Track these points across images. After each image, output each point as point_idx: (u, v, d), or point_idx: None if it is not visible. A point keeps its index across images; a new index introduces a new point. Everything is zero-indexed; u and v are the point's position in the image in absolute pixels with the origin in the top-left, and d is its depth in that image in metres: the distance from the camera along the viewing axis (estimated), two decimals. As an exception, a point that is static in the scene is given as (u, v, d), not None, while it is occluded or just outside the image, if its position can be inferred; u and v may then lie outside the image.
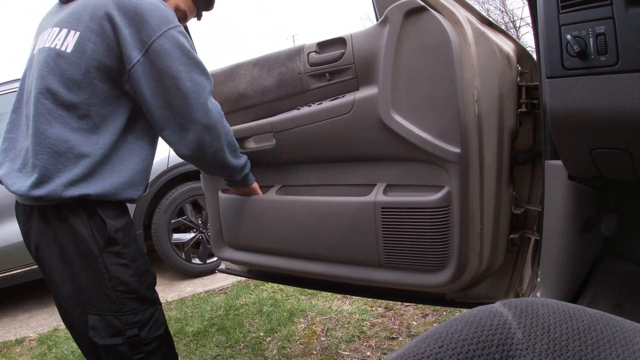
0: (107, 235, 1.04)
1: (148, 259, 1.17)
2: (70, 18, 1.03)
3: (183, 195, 3.02)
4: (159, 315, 1.13)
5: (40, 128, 1.00)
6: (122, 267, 1.06)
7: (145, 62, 1.00)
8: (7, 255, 2.66)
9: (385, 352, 1.86)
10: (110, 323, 1.05)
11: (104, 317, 1.05)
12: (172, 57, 1.02)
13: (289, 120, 1.28)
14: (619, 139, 0.75)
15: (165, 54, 1.01)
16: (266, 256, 1.47)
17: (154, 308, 1.12)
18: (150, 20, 1.00)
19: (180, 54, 1.03)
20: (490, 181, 1.06)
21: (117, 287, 1.05)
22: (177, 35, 1.04)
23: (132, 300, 1.07)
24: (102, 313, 1.05)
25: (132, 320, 1.06)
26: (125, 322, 1.06)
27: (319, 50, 1.23)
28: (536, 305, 0.44)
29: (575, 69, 0.73)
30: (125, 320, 1.06)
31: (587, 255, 1.07)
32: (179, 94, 1.03)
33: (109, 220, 1.05)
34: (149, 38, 1.00)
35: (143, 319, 1.08)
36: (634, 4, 0.66)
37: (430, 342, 0.40)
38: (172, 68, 1.02)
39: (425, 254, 1.13)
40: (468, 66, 0.98)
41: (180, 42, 1.03)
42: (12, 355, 2.32)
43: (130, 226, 1.12)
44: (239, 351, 2.01)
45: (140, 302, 1.08)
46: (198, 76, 1.06)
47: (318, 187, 1.33)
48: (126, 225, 1.10)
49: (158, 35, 1.00)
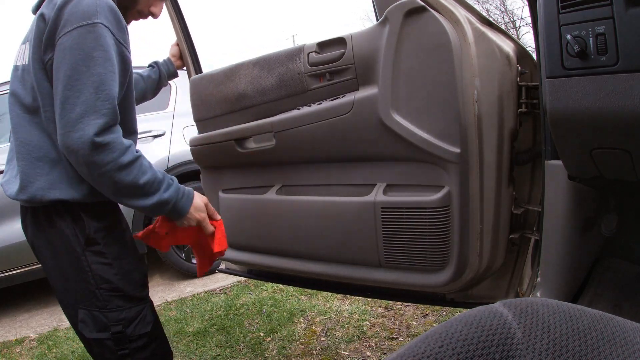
0: (86, 235, 1.05)
1: (139, 256, 1.17)
2: (29, 30, 1.07)
3: (183, 195, 3.02)
4: (146, 313, 1.13)
5: (19, 135, 1.04)
6: (104, 266, 1.07)
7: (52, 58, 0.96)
8: (7, 255, 2.66)
9: (385, 352, 1.86)
10: (97, 318, 1.07)
11: (92, 312, 1.07)
12: (70, 54, 0.93)
13: (289, 120, 1.28)
14: (619, 139, 0.75)
15: (63, 52, 0.93)
16: (266, 256, 1.47)
17: (141, 306, 1.12)
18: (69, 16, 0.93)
19: (75, 52, 0.93)
20: (490, 181, 1.06)
21: (100, 284, 1.06)
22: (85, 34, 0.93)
23: (117, 298, 1.08)
24: (90, 308, 1.07)
25: (117, 317, 1.08)
26: (111, 319, 1.07)
27: (319, 50, 1.23)
28: (536, 305, 0.44)
29: (575, 69, 0.73)
30: (110, 316, 1.07)
31: (587, 255, 1.07)
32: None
33: (89, 220, 1.06)
34: (59, 34, 0.94)
35: (128, 317, 1.09)
36: (634, 4, 0.66)
37: (430, 342, 0.40)
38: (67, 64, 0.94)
39: (425, 254, 1.13)
40: (468, 66, 0.98)
41: (83, 41, 0.93)
42: (12, 355, 2.32)
43: (115, 225, 1.12)
44: (239, 351, 2.01)
45: (126, 300, 1.09)
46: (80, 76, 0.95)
47: (318, 187, 1.33)
48: (109, 224, 1.10)
49: (65, 32, 0.93)
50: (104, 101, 0.93)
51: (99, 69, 0.93)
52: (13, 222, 2.58)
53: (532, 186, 1.17)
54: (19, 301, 3.13)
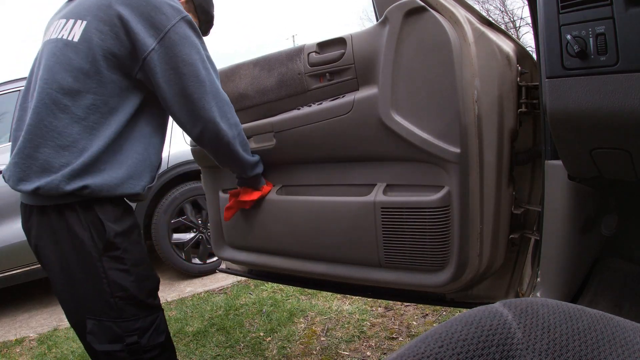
0: (106, 239, 1.01)
1: (151, 263, 1.13)
2: (77, 9, 1.03)
3: (183, 195, 3.02)
4: (160, 322, 1.10)
5: (45, 120, 0.98)
6: (122, 273, 1.02)
7: (160, 50, 1.00)
8: (7, 255, 2.66)
9: (385, 352, 1.86)
10: (109, 329, 1.02)
11: (103, 323, 1.02)
12: (188, 45, 1.03)
13: (289, 120, 1.28)
14: (618, 139, 0.75)
15: (181, 41, 1.02)
16: (267, 256, 1.47)
17: (155, 315, 1.09)
18: (162, 8, 1.01)
19: (194, 42, 1.05)
20: (490, 181, 1.06)
21: (116, 292, 1.02)
22: (190, 25, 1.05)
23: (132, 307, 1.04)
24: (101, 318, 1.02)
25: (132, 327, 1.03)
26: (125, 329, 1.03)
27: (319, 50, 1.23)
28: (536, 305, 0.44)
29: (575, 69, 0.73)
30: (124, 326, 1.03)
31: (587, 255, 1.07)
32: (196, 81, 1.04)
33: (109, 224, 1.01)
34: (164, 26, 1.00)
35: (143, 326, 1.05)
36: (634, 4, 0.66)
37: (430, 342, 0.40)
38: (188, 55, 1.03)
39: (425, 254, 1.13)
40: (468, 66, 0.98)
41: (193, 32, 1.05)
42: (12, 355, 2.32)
43: (133, 229, 1.08)
44: (239, 351, 2.01)
45: (141, 308, 1.05)
46: (209, 65, 1.08)
47: (318, 187, 1.33)
48: (129, 228, 1.06)
49: (173, 23, 1.01)
50: (216, 70, 1.13)
51: (205, 47, 1.11)
52: (13, 222, 2.58)
53: (532, 186, 1.17)
54: (19, 301, 3.13)
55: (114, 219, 1.03)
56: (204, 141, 1.14)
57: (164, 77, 1.02)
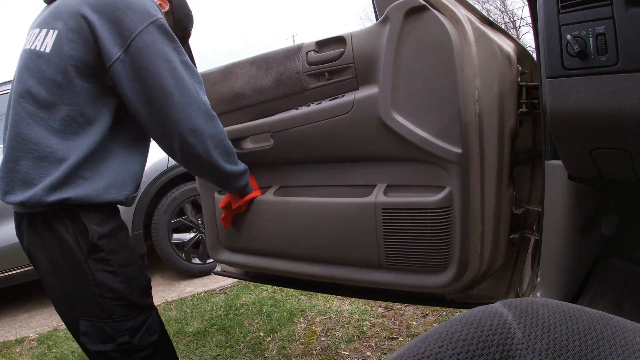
0: (90, 242, 1.01)
1: (142, 263, 1.13)
2: (50, 17, 1.01)
3: (183, 195, 3.02)
4: (152, 322, 1.10)
5: (22, 133, 0.98)
6: (108, 274, 1.03)
7: (125, 59, 0.96)
8: (7, 255, 2.66)
9: (385, 352, 1.86)
10: (100, 329, 1.03)
11: (95, 324, 1.03)
12: (155, 53, 0.97)
13: (287, 120, 1.28)
14: (618, 139, 0.75)
15: (147, 49, 0.96)
16: (264, 258, 1.45)
17: (147, 314, 1.09)
18: (130, 13, 0.96)
19: (162, 50, 0.98)
20: (491, 181, 1.06)
21: (105, 294, 1.02)
22: (161, 29, 0.99)
23: (122, 307, 1.04)
24: (93, 320, 1.03)
25: (123, 327, 1.04)
26: (116, 329, 1.03)
27: (318, 49, 1.23)
28: (536, 305, 0.44)
29: (575, 69, 0.73)
30: (115, 327, 1.03)
31: (587, 255, 1.07)
32: (161, 92, 0.98)
33: (93, 226, 1.01)
34: (131, 33, 0.95)
35: (134, 326, 1.05)
36: (634, 4, 0.66)
37: (430, 342, 0.40)
38: (155, 65, 0.97)
39: (426, 255, 1.12)
40: (469, 66, 0.98)
41: (164, 36, 0.99)
42: (12, 355, 2.32)
43: (119, 231, 1.08)
44: (239, 351, 2.00)
45: (131, 308, 1.05)
46: (185, 72, 1.01)
47: (317, 188, 1.33)
48: (113, 230, 1.06)
49: (140, 29, 0.96)
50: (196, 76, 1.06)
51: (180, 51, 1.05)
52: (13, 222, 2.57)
53: (532, 186, 1.17)
54: (19, 301, 3.13)
55: (99, 222, 1.03)
56: (175, 155, 1.08)
57: (130, 88, 0.98)
